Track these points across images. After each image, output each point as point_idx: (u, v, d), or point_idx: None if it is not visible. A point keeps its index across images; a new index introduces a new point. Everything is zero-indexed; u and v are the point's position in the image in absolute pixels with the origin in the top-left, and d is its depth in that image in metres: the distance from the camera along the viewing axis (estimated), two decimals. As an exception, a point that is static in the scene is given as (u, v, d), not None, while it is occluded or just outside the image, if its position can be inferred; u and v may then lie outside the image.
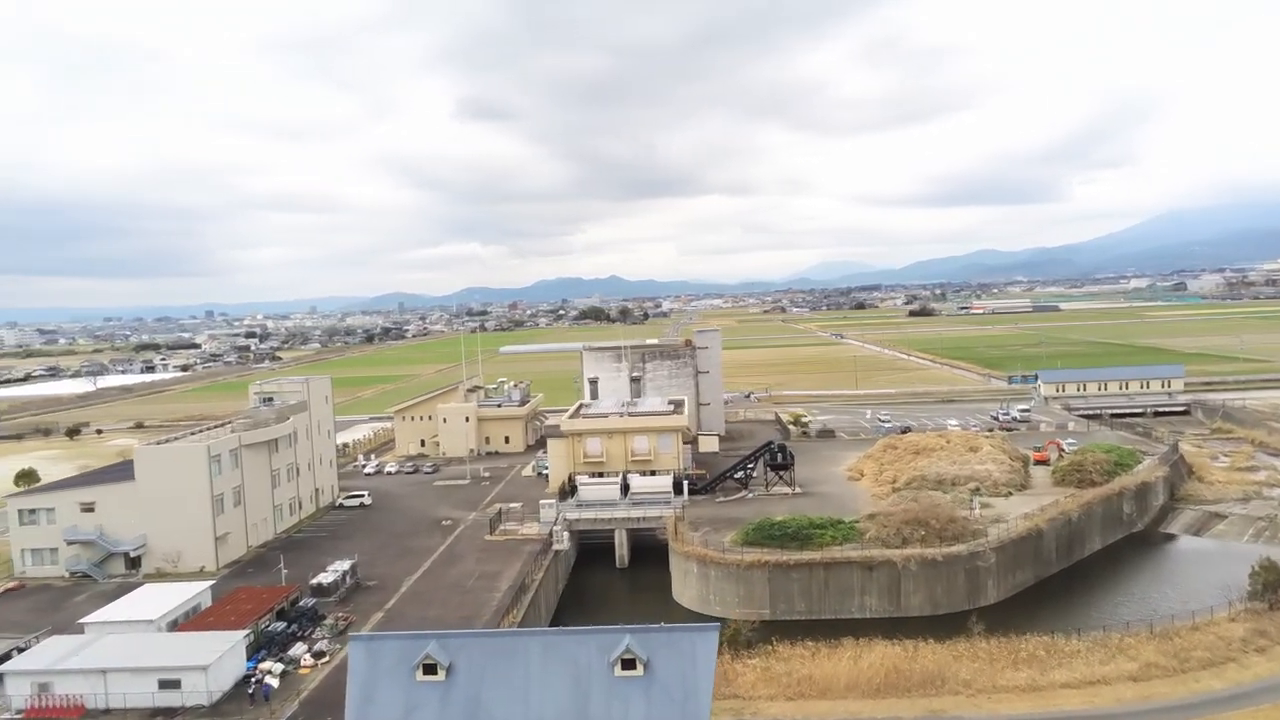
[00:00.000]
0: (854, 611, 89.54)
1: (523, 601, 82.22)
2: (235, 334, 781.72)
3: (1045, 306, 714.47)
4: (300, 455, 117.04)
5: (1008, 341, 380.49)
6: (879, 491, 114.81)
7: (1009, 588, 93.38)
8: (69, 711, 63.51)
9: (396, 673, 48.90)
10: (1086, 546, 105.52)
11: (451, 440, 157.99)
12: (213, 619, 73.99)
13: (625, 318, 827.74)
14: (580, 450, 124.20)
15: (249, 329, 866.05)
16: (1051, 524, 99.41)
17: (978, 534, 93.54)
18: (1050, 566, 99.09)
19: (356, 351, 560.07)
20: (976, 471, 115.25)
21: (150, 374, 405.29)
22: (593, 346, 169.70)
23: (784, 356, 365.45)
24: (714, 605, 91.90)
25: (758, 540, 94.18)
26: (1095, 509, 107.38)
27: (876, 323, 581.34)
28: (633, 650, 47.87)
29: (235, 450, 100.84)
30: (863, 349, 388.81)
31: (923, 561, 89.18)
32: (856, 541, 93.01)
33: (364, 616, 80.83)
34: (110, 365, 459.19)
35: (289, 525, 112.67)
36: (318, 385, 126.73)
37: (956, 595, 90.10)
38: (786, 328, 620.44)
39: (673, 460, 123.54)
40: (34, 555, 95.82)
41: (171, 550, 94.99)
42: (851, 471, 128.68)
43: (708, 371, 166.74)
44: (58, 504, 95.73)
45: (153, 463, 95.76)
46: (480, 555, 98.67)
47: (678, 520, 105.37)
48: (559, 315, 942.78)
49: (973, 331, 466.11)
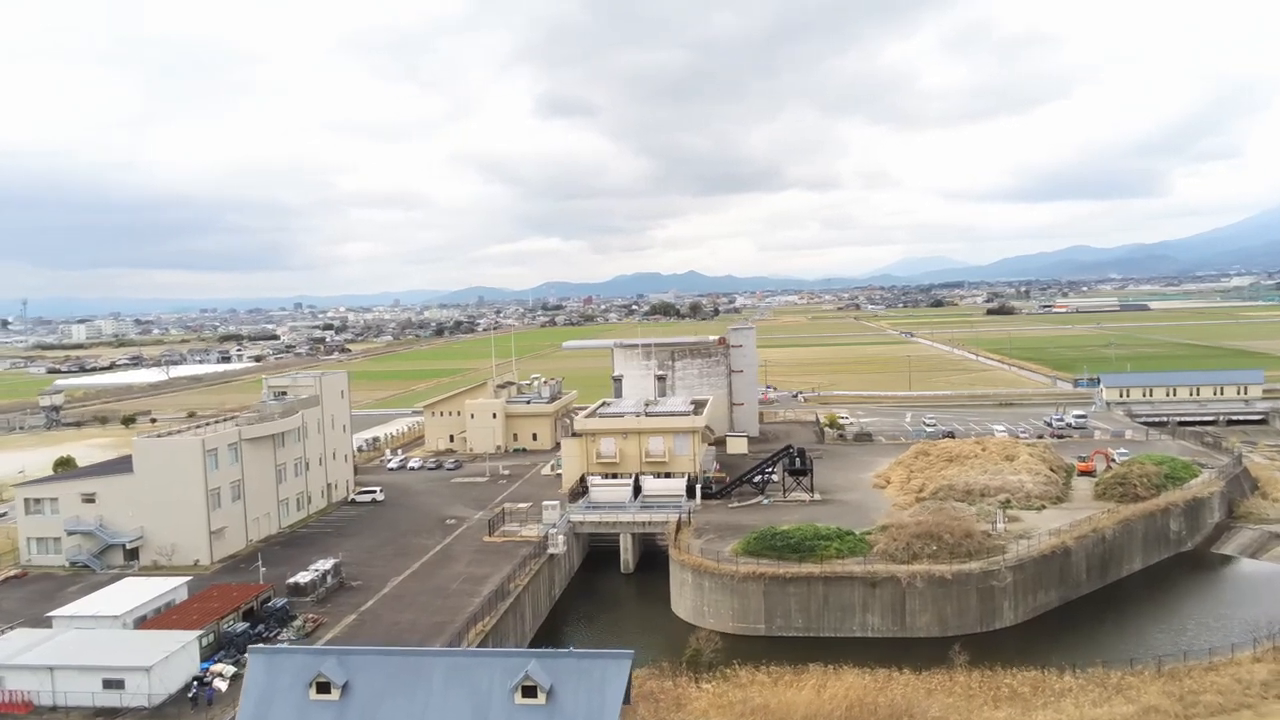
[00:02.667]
0: (855, 630, 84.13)
1: (498, 609, 79.10)
2: (315, 326, 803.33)
3: (1134, 306, 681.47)
4: (310, 450, 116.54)
5: (1086, 342, 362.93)
6: (902, 501, 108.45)
7: (1029, 610, 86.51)
8: (17, 707, 62.97)
9: (293, 690, 46.28)
10: (1124, 567, 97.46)
11: (479, 436, 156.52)
12: (177, 617, 72.92)
13: (695, 313, 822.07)
14: (594, 450, 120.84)
15: (328, 321, 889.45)
16: (1081, 542, 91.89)
17: (995, 550, 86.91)
18: (1079, 588, 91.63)
19: (425, 345, 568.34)
20: (1008, 482, 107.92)
21: (225, 364, 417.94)
22: (622, 344, 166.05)
23: (844, 355, 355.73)
24: (708, 618, 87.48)
25: (758, 550, 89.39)
26: (1135, 526, 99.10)
27: (952, 321, 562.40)
28: (534, 678, 44.19)
29: (234, 444, 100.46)
30: (930, 348, 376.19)
31: (930, 579, 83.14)
32: (864, 555, 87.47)
33: (335, 619, 78.95)
34: (187, 355, 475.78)
35: (295, 520, 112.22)
36: (332, 381, 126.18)
37: (968, 616, 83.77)
38: (858, 325, 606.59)
39: (689, 463, 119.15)
40: (39, 544, 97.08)
41: (167, 543, 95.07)
42: (879, 478, 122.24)
43: (742, 370, 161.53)
44: (61, 494, 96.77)
45: (150, 456, 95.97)
46: (474, 557, 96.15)
47: (681, 526, 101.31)
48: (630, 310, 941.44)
49: (1050, 331, 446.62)
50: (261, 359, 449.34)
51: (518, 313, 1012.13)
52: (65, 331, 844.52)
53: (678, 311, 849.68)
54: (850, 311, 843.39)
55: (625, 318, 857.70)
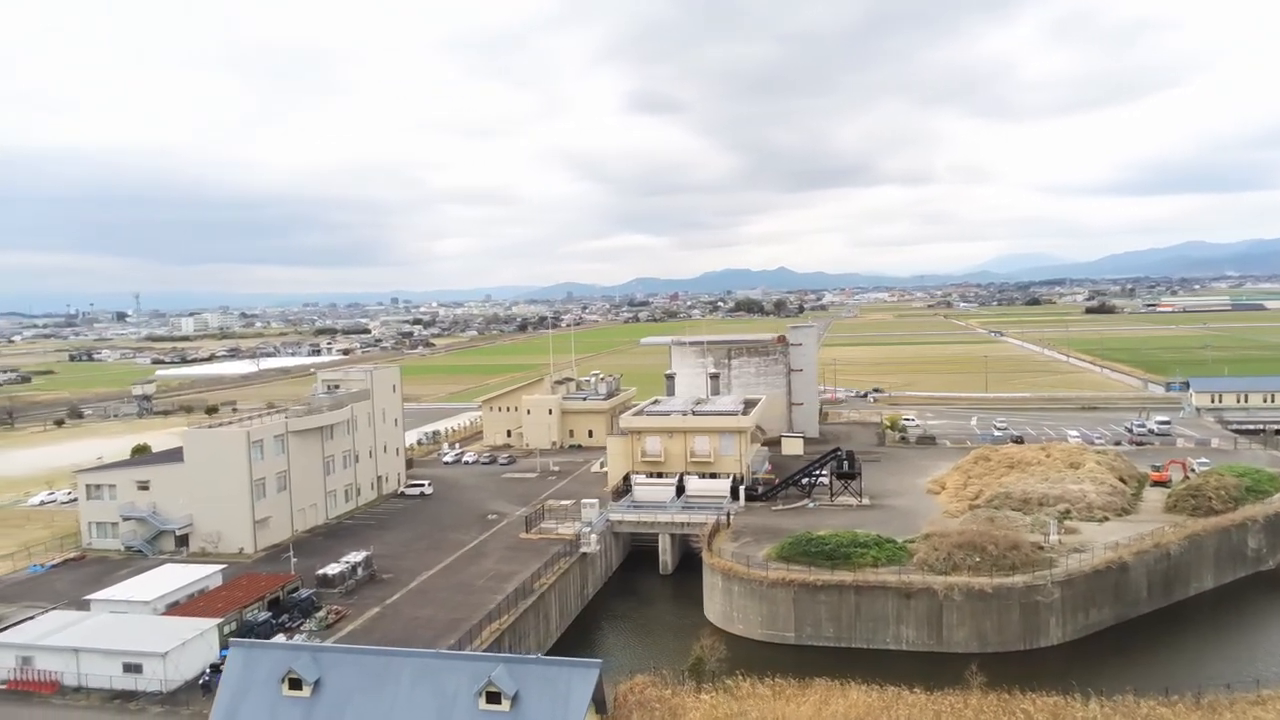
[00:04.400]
0: (888, 642, 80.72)
1: (518, 607, 78.63)
2: (405, 320, 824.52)
3: (1247, 305, 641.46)
4: (360, 443, 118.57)
5: (1187, 344, 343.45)
6: (954, 508, 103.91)
7: (1078, 628, 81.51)
8: (45, 687, 65.43)
9: (268, 685, 46.47)
10: (1191, 585, 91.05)
11: (534, 432, 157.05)
12: (203, 604, 74.82)
13: (780, 310, 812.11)
14: (639, 449, 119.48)
15: (417, 316, 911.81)
16: (1141, 557, 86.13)
17: (1043, 564, 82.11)
18: (1137, 606, 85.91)
19: (508, 339, 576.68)
20: (1069, 491, 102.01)
21: (314, 357, 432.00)
22: (679, 341, 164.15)
23: (925, 355, 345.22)
24: (737, 623, 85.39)
25: (792, 555, 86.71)
26: (1206, 541, 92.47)
27: (1046, 320, 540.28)
28: (498, 684, 43.23)
29: (281, 436, 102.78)
30: (1018, 349, 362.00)
31: (968, 591, 79.06)
32: (902, 564, 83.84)
33: (359, 611, 79.75)
34: (280, 348, 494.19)
35: (343, 511, 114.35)
36: (384, 375, 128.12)
37: (1009, 632, 79.43)
38: (945, 324, 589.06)
39: (734, 463, 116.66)
40: (98, 529, 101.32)
41: (213, 531, 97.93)
42: (934, 484, 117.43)
43: (801, 369, 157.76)
44: (118, 481, 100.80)
45: (198, 446, 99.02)
46: (506, 554, 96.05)
47: (719, 528, 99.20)
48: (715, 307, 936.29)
49: (1150, 332, 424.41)
50: (349, 352, 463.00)
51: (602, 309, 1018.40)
52: (175, 324, 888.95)
53: (762, 308, 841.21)
54: (940, 310, 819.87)
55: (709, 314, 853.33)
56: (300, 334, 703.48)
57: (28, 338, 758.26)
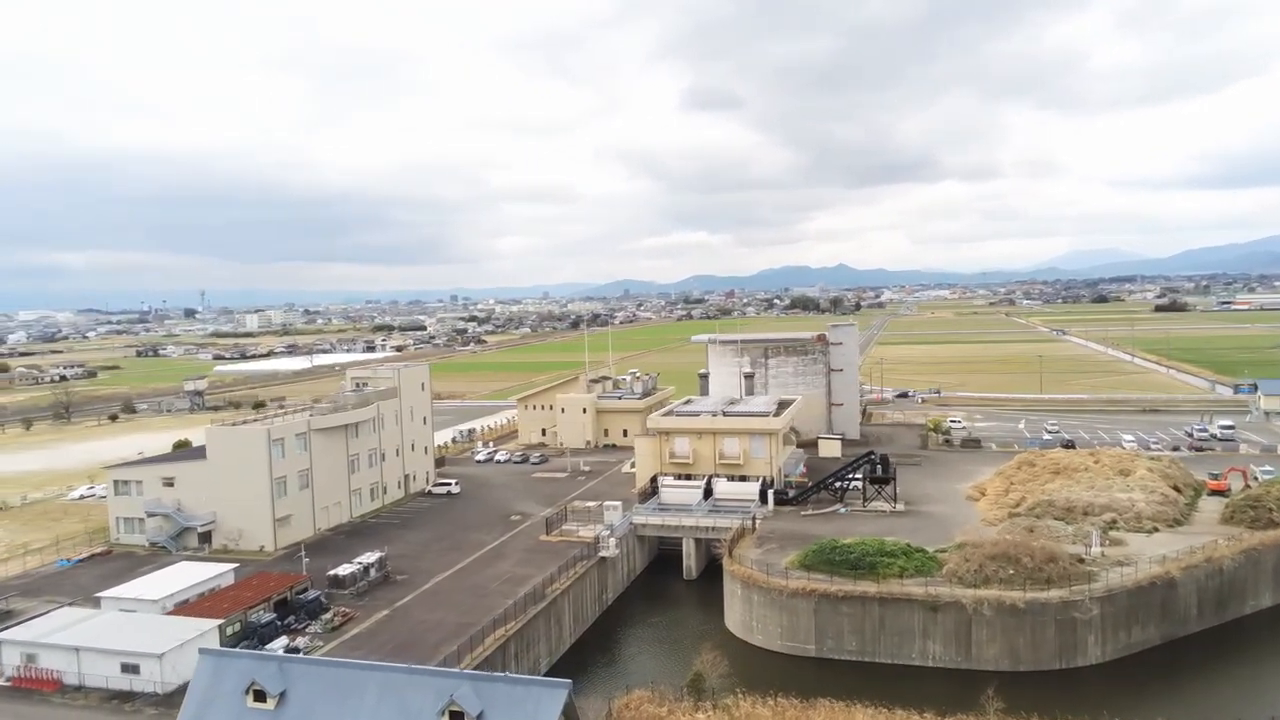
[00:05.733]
0: (914, 658, 76.76)
1: (529, 612, 76.56)
2: (461, 318, 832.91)
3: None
4: (387, 441, 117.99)
5: (1263, 343, 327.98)
6: (992, 516, 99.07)
7: (1120, 647, 76.51)
8: (46, 684, 65.35)
9: (233, 696, 44.92)
10: (1248, 603, 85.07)
11: (569, 431, 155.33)
12: (209, 604, 74.26)
13: (836, 307, 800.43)
14: (668, 450, 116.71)
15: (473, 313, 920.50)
16: (1190, 572, 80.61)
17: (1082, 578, 77.28)
18: (1186, 625, 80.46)
19: (559, 337, 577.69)
20: (1116, 500, 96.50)
21: (369, 353, 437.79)
22: (715, 339, 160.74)
23: (983, 354, 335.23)
24: (756, 634, 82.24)
25: (815, 564, 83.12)
26: (1264, 556, 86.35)
27: (1113, 318, 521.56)
28: (460, 703, 41.03)
29: (303, 434, 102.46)
30: (1081, 348, 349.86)
31: (999, 606, 74.70)
32: (932, 575, 79.76)
33: (368, 613, 78.49)
34: (335, 345, 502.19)
35: (368, 510, 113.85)
36: (412, 373, 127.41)
37: (1044, 650, 74.86)
38: (1007, 322, 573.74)
39: (765, 466, 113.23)
40: (125, 524, 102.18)
41: (235, 529, 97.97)
42: (974, 490, 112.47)
43: (841, 369, 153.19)
44: (145, 477, 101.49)
45: (221, 443, 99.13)
46: (525, 556, 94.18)
47: (743, 533, 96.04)
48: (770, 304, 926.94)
49: (1223, 331, 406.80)
50: (403, 349, 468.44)
51: (657, 306, 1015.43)
52: (240, 321, 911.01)
53: (818, 306, 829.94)
54: (1002, 307, 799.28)
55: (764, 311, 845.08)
56: (359, 330, 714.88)
57: (101, 334, 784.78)
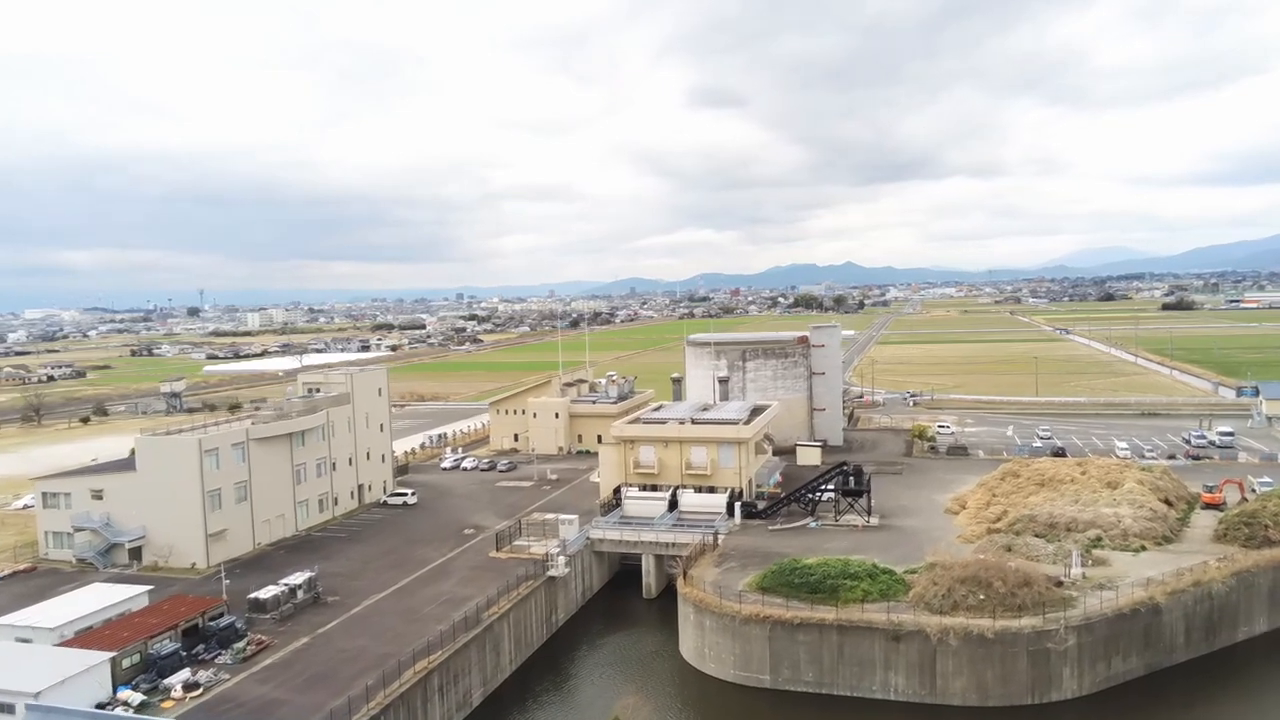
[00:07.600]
0: (874, 691, 70.90)
1: (458, 641, 70.87)
2: (462, 316, 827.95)
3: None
4: (338, 449, 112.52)
5: (1270, 343, 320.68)
6: (970, 532, 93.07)
7: (1099, 680, 70.52)
8: (-81, 724, 60.00)
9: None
10: (1239, 630, 78.93)
11: (541, 437, 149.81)
12: (109, 632, 68.71)
13: (839, 305, 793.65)
14: (633, 459, 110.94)
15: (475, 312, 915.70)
16: (1176, 597, 74.50)
17: (1058, 604, 71.31)
18: (1172, 654, 74.42)
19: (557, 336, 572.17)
20: (1101, 516, 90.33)
21: (363, 353, 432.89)
22: (693, 340, 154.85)
23: (983, 353, 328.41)
24: (709, 663, 76.43)
25: (773, 586, 77.35)
26: (1258, 579, 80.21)
27: (1118, 316, 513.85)
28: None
29: (241, 444, 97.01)
30: (1083, 348, 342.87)
31: (966, 635, 68.76)
32: (896, 599, 73.87)
33: (286, 641, 72.86)
34: (330, 344, 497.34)
35: (315, 523, 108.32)
36: (366, 378, 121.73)
37: (1016, 684, 68.90)
38: (1011, 320, 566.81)
39: (734, 476, 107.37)
40: (54, 538, 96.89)
41: (165, 544, 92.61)
42: (955, 502, 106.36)
43: (824, 373, 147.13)
44: (74, 489, 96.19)
45: (151, 453, 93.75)
46: (469, 575, 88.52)
47: (704, 550, 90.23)
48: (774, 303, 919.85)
49: (1231, 330, 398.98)
50: (397, 348, 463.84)
51: (660, 304, 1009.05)
52: (241, 319, 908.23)
53: (821, 304, 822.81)
54: (1008, 305, 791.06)
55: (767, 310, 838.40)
56: (358, 329, 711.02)
57: (103, 332, 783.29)
